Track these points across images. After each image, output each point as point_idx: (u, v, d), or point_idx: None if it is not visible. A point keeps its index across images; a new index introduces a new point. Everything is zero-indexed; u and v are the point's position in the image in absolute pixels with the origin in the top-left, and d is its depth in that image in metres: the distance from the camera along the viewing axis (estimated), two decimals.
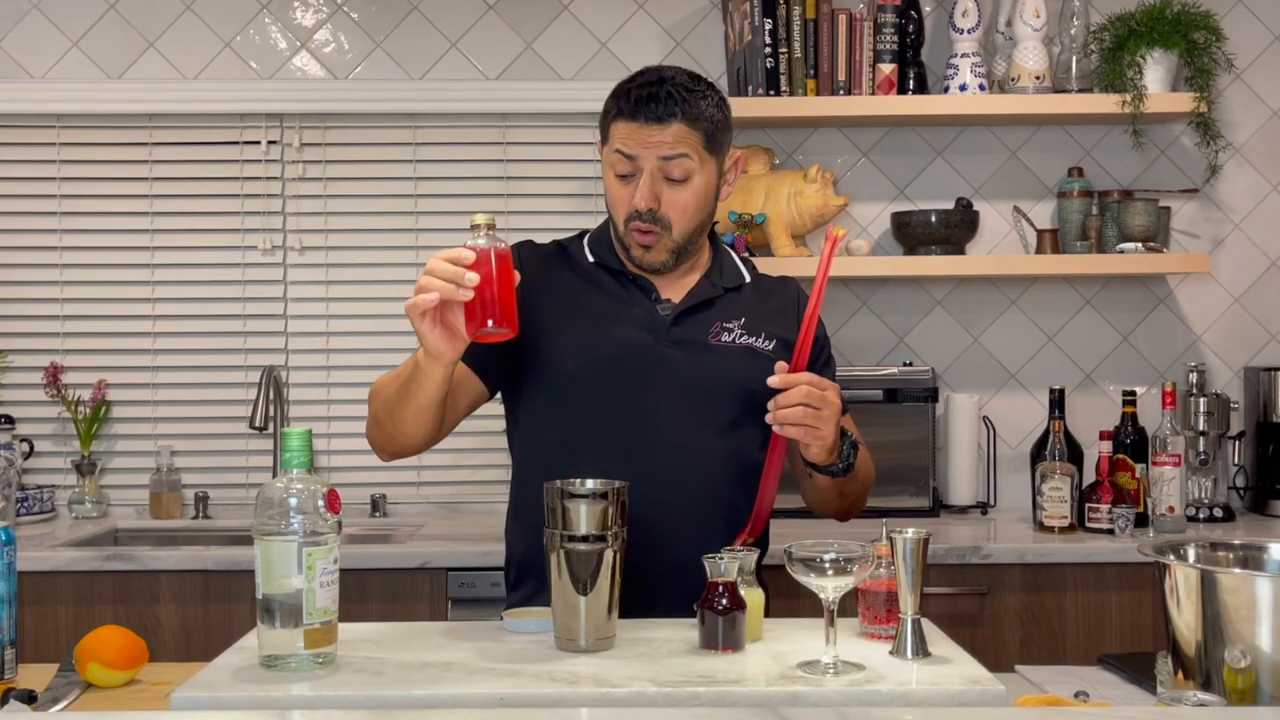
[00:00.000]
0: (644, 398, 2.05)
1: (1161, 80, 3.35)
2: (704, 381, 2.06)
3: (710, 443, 2.05)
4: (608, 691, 1.56)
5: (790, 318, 2.17)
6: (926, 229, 3.38)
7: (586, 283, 2.14)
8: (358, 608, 2.79)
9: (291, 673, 1.62)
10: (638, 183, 2.04)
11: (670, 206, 2.05)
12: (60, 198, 3.56)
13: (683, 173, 2.04)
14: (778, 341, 2.12)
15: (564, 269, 2.16)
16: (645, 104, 2.02)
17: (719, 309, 2.13)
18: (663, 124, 2.02)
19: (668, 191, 2.05)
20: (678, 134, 2.03)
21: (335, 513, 1.66)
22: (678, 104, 2.03)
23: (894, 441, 3.29)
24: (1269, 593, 1.52)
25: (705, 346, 2.09)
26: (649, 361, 2.06)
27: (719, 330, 2.11)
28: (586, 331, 2.08)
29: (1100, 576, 2.95)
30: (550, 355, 2.08)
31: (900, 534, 1.70)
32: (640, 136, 2.03)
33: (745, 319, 2.13)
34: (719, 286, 2.15)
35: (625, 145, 2.04)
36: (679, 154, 2.03)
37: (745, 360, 2.09)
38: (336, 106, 3.54)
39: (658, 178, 2.04)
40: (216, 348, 3.57)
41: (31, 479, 3.47)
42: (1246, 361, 3.58)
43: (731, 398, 2.06)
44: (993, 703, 1.57)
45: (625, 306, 2.11)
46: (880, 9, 3.36)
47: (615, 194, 2.08)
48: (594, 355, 2.07)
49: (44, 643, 2.82)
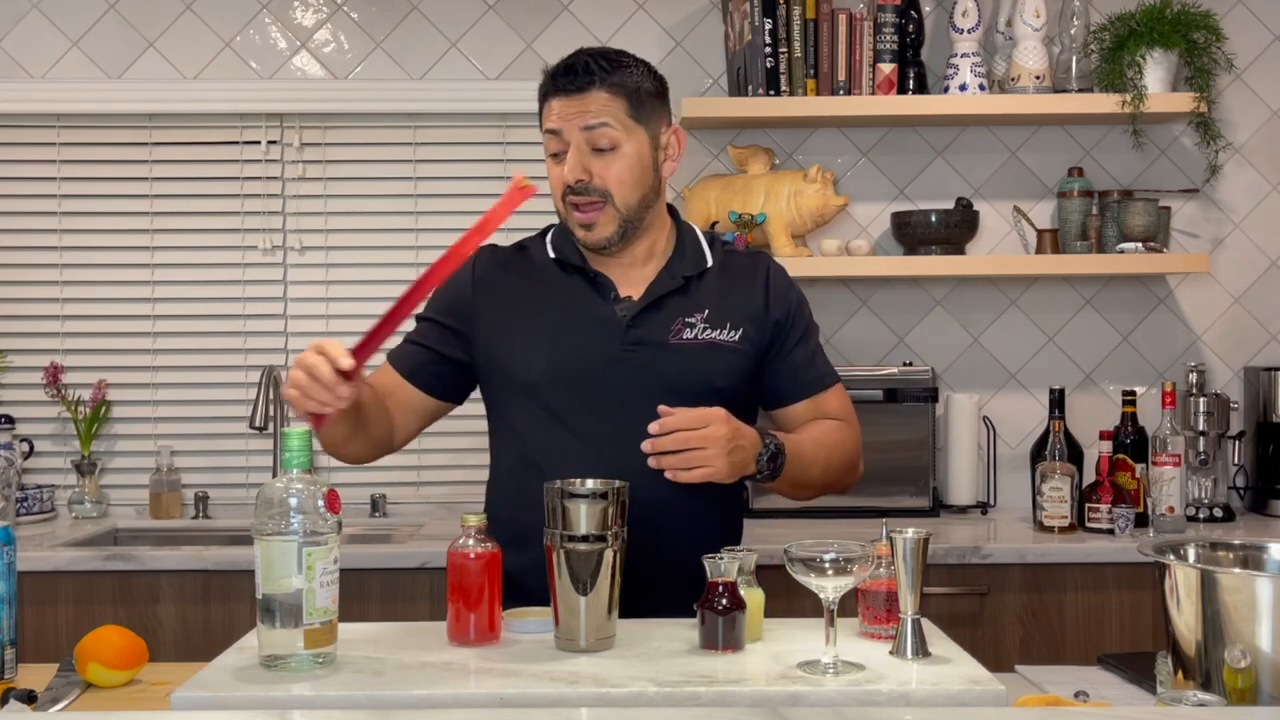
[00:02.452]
0: (607, 404, 2.04)
1: (1161, 80, 3.35)
2: (665, 383, 2.03)
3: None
4: (608, 691, 1.56)
5: (757, 297, 2.14)
6: (926, 229, 3.38)
7: (543, 286, 2.13)
8: (358, 608, 2.79)
9: (291, 673, 1.62)
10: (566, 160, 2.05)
11: (603, 177, 2.04)
12: (60, 198, 3.55)
13: (609, 141, 2.04)
14: (744, 329, 2.10)
15: (521, 274, 2.15)
16: (564, 76, 2.04)
17: (680, 302, 2.10)
18: (583, 93, 2.03)
19: (597, 162, 2.04)
20: (599, 102, 2.03)
21: (335, 513, 1.66)
22: (596, 72, 2.04)
23: (894, 441, 3.29)
24: (1269, 593, 1.52)
25: (665, 347, 2.07)
26: (609, 367, 2.05)
27: (680, 328, 2.08)
28: (545, 342, 2.08)
29: (1100, 576, 2.95)
30: (511, 368, 2.09)
31: (900, 534, 1.70)
32: (563, 110, 2.04)
33: (709, 310, 2.10)
34: (679, 277, 2.12)
35: (551, 122, 2.05)
36: (601, 122, 2.03)
37: (707, 357, 2.08)
38: (336, 106, 3.54)
39: (584, 149, 2.04)
40: (216, 348, 3.57)
41: (31, 479, 3.47)
42: (1246, 361, 3.57)
43: (695, 397, 2.01)
44: (993, 703, 1.57)
45: (583, 310, 2.09)
46: (880, 9, 3.36)
47: (551, 174, 2.09)
48: (554, 366, 2.06)
49: (44, 643, 2.82)
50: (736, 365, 2.10)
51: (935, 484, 3.35)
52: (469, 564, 1.76)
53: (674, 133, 2.14)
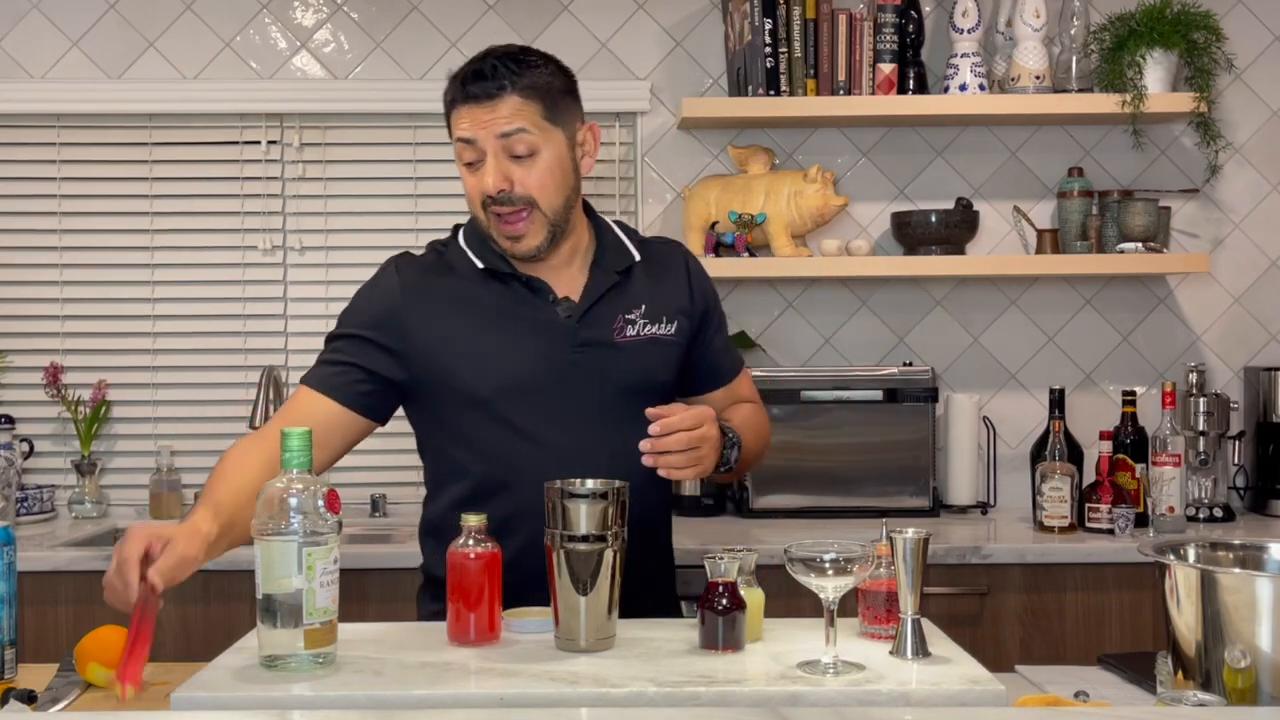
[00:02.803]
0: (563, 408, 2.03)
1: (1161, 80, 3.35)
2: (615, 382, 2.05)
3: (631, 440, 2.01)
4: (608, 691, 1.56)
5: (682, 288, 2.16)
6: (926, 229, 3.38)
7: (478, 296, 2.07)
8: (358, 608, 2.79)
9: (291, 673, 1.62)
10: (483, 169, 2.00)
11: (525, 184, 1.99)
12: (60, 198, 3.55)
13: (526, 147, 1.99)
14: (677, 322, 2.12)
15: (451, 282, 2.09)
16: (473, 82, 1.98)
17: (617, 299, 2.09)
18: (495, 100, 1.97)
19: (517, 170, 1.99)
20: (512, 107, 1.98)
21: (335, 513, 1.66)
22: (506, 76, 1.98)
23: (894, 441, 3.29)
24: (1269, 593, 1.52)
25: (611, 346, 2.06)
26: (561, 371, 2.04)
27: (622, 325, 2.08)
28: (492, 352, 2.03)
29: (1100, 576, 2.95)
30: (459, 382, 2.03)
31: (900, 534, 1.70)
32: (475, 117, 1.98)
33: (645, 305, 2.10)
34: (613, 273, 2.10)
35: (464, 131, 2.00)
36: (516, 128, 1.98)
37: (651, 353, 2.09)
38: (336, 106, 3.54)
39: (502, 157, 1.99)
40: (216, 348, 3.57)
41: (31, 479, 3.47)
42: (1246, 361, 3.57)
43: (644, 393, 2.04)
44: (993, 703, 1.57)
45: (526, 315, 2.06)
46: (880, 9, 3.36)
47: (468, 185, 2.04)
48: (506, 377, 2.02)
49: (44, 643, 2.81)
50: (674, 358, 2.13)
51: (935, 484, 3.35)
52: (469, 564, 1.76)
53: (589, 129, 2.10)
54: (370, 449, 2.15)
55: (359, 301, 2.12)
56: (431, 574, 2.14)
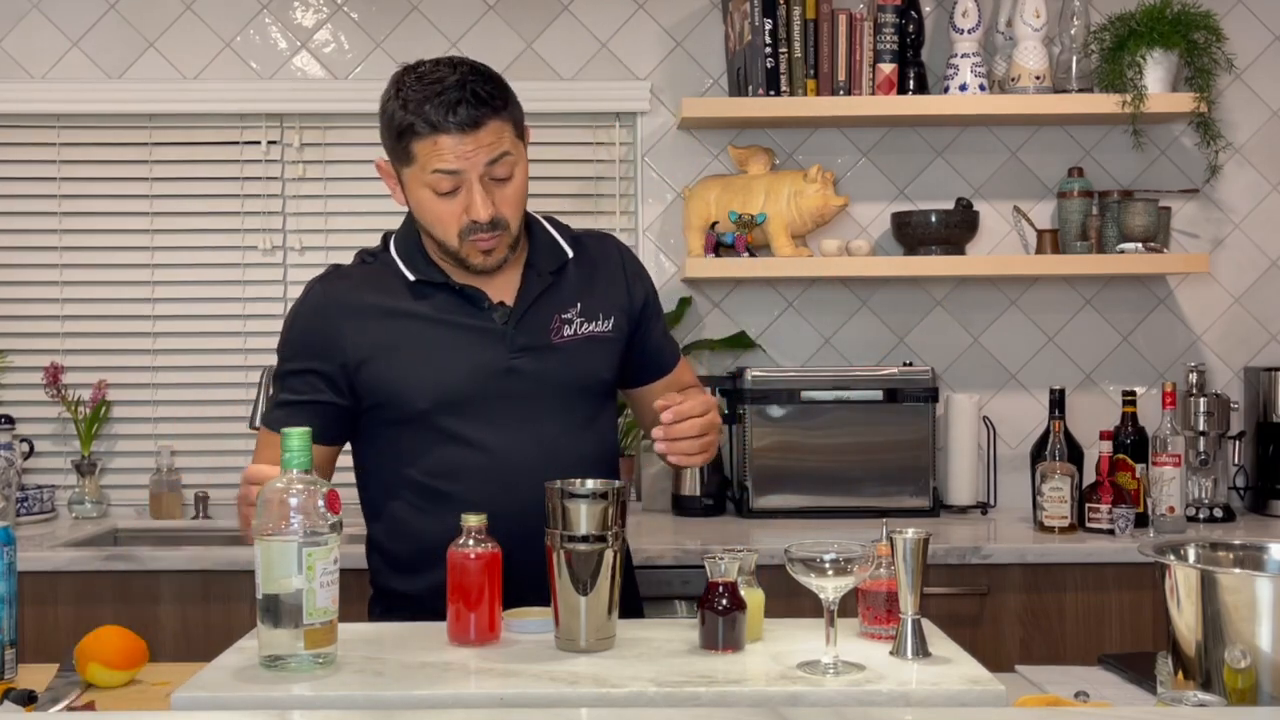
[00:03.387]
0: (502, 415, 2.02)
1: (1161, 80, 3.35)
2: (555, 384, 2.04)
3: (574, 441, 2.04)
4: (608, 691, 1.56)
5: (619, 283, 2.15)
6: (926, 229, 3.38)
7: (413, 308, 2.05)
8: (358, 608, 2.79)
9: (291, 673, 1.62)
10: (463, 195, 1.94)
11: (503, 205, 1.97)
12: (60, 198, 3.55)
13: (507, 170, 1.97)
14: (614, 318, 2.12)
15: (382, 296, 2.06)
16: (455, 111, 1.91)
17: (552, 300, 2.08)
18: (480, 127, 1.92)
19: (497, 194, 1.96)
20: (494, 132, 1.94)
21: (335, 513, 1.66)
22: (486, 102, 1.93)
23: (894, 441, 3.29)
24: (1269, 593, 1.52)
25: (548, 347, 2.06)
26: (499, 379, 2.02)
27: (559, 325, 2.07)
28: (429, 365, 2.01)
29: (1100, 576, 2.95)
30: (397, 396, 2.02)
31: (900, 534, 1.70)
32: (459, 150, 1.92)
33: (580, 303, 2.09)
34: (546, 274, 2.09)
35: (444, 163, 1.92)
36: (501, 154, 1.95)
37: (590, 351, 2.09)
38: (336, 106, 3.54)
39: (488, 184, 1.95)
40: (216, 348, 3.57)
41: (31, 479, 3.47)
42: (1246, 361, 3.57)
43: (584, 392, 2.07)
44: (993, 703, 1.57)
45: (461, 326, 2.04)
46: (880, 9, 3.36)
47: (441, 212, 1.96)
48: (443, 388, 2.01)
49: (44, 643, 2.81)
50: (612, 353, 2.13)
51: (935, 484, 3.35)
52: (469, 564, 1.76)
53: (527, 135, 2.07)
54: None
55: (293, 331, 2.11)
56: (382, 586, 2.14)
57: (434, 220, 1.99)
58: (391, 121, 1.97)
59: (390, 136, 1.98)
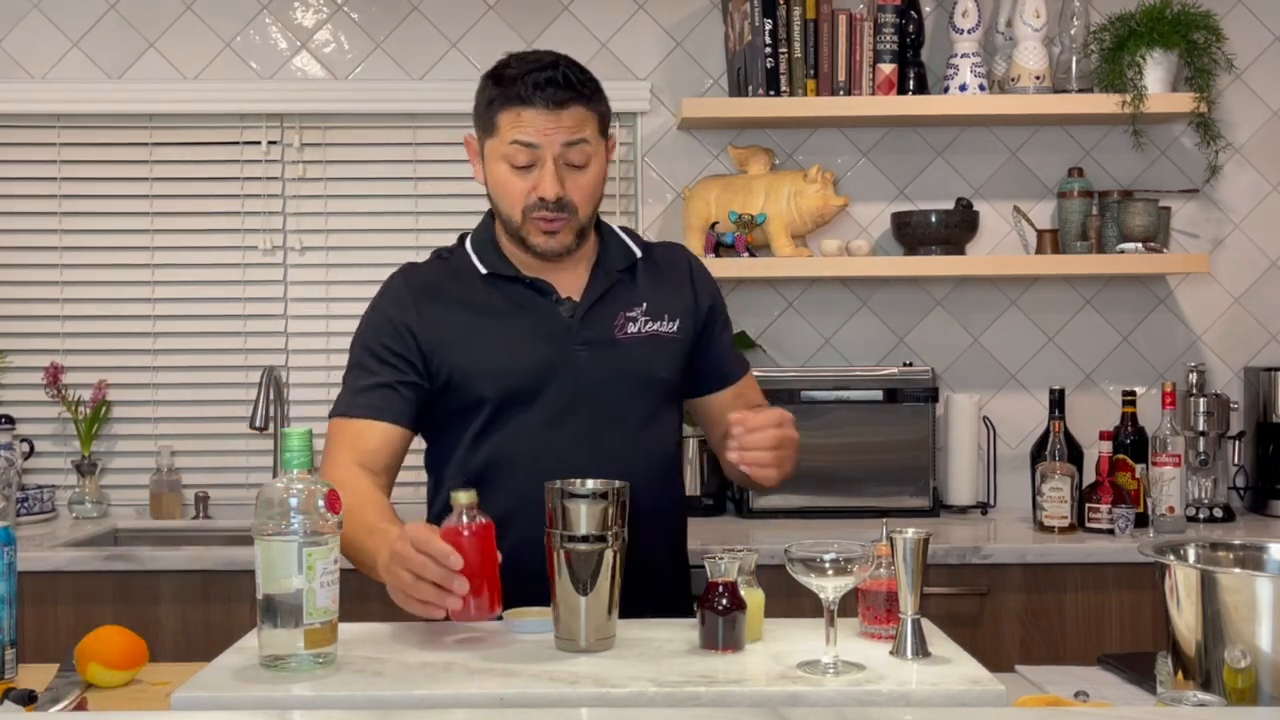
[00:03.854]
0: (563, 408, 2.05)
1: (1161, 80, 3.35)
2: (615, 379, 2.07)
3: (631, 439, 2.06)
4: (608, 691, 1.56)
5: (685, 287, 2.18)
6: (926, 229, 3.38)
7: (483, 298, 2.10)
8: (358, 608, 2.78)
9: (291, 673, 1.62)
10: (536, 173, 2.00)
11: (574, 191, 2.02)
12: (60, 198, 3.55)
13: (583, 158, 2.02)
14: (680, 320, 2.14)
15: (456, 289, 2.11)
16: (544, 89, 1.98)
17: (619, 298, 2.12)
18: (564, 108, 1.99)
19: (569, 179, 2.01)
20: (578, 118, 2.00)
21: (336, 513, 1.66)
22: (577, 87, 2.00)
23: (894, 441, 3.29)
24: (1269, 593, 1.52)
25: (612, 342, 2.09)
26: (561, 370, 2.05)
27: (623, 322, 2.10)
28: (494, 355, 2.06)
29: (1100, 576, 2.95)
30: (464, 386, 2.06)
31: (900, 534, 1.70)
32: (541, 124, 1.98)
33: (646, 303, 2.13)
34: (613, 272, 2.13)
35: (525, 134, 1.99)
36: (580, 139, 2.01)
37: (653, 349, 2.11)
38: (336, 106, 3.54)
39: (560, 164, 2.00)
40: (216, 348, 3.57)
41: (31, 479, 3.47)
42: (1246, 361, 3.57)
43: (645, 389, 2.09)
44: (993, 703, 1.57)
45: (528, 317, 2.08)
46: (880, 9, 3.36)
47: (511, 186, 2.03)
48: (506, 379, 2.05)
49: (44, 643, 2.81)
50: (676, 355, 2.14)
51: (935, 484, 3.35)
52: (462, 541, 1.73)
53: (612, 141, 2.14)
54: None
55: (372, 316, 2.14)
56: None
57: (503, 194, 2.05)
58: (483, 93, 2.05)
59: (480, 106, 2.06)
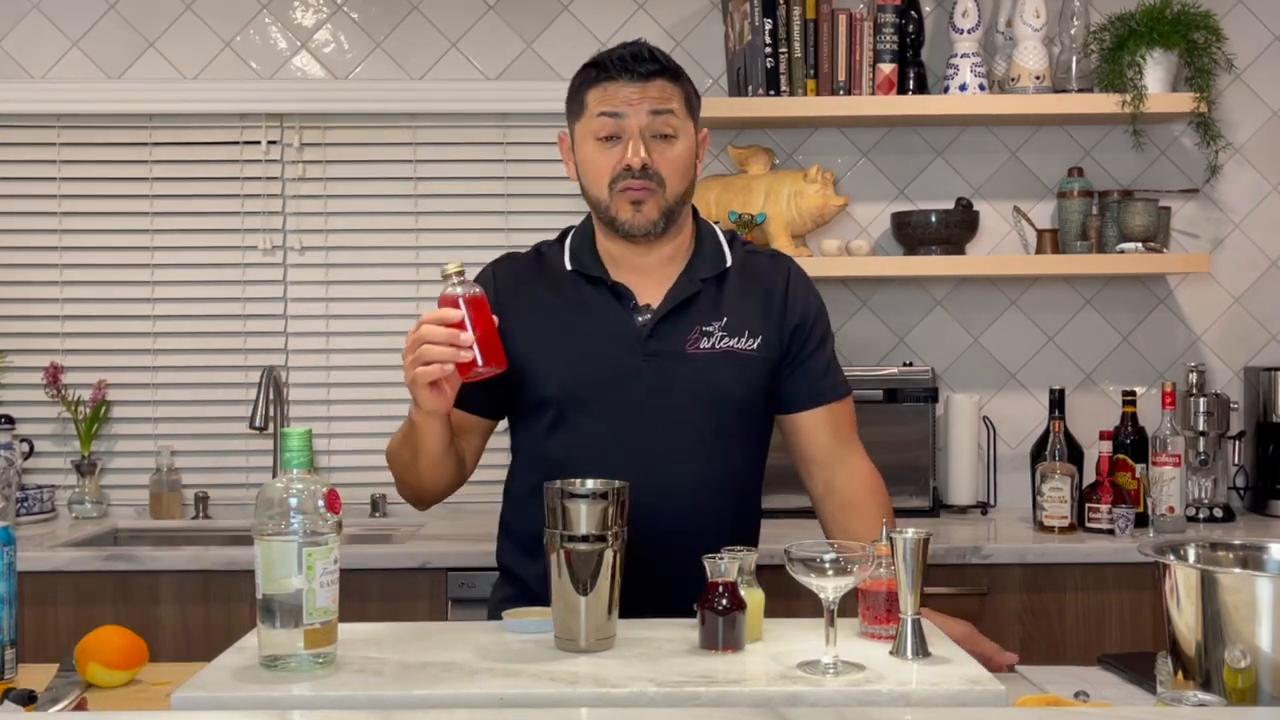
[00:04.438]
0: (626, 416, 2.03)
1: (1161, 80, 3.35)
2: (680, 393, 2.03)
3: (693, 456, 2.03)
4: (608, 691, 1.56)
5: (776, 303, 2.11)
6: (926, 229, 3.38)
7: (562, 296, 2.10)
8: (358, 608, 2.79)
9: (291, 673, 1.62)
10: (622, 144, 2.02)
11: (661, 163, 2.02)
12: (60, 198, 3.56)
13: (671, 129, 2.03)
14: (763, 336, 2.08)
15: (539, 284, 2.12)
16: (629, 61, 2.01)
17: (700, 309, 2.07)
18: (649, 80, 2.02)
19: (655, 150, 2.02)
20: (663, 89, 2.02)
21: (335, 513, 1.66)
22: (661, 60, 2.04)
23: (894, 441, 3.29)
24: (1269, 593, 1.52)
25: (681, 357, 2.04)
26: (626, 379, 2.03)
27: (698, 336, 2.06)
28: (564, 354, 2.05)
29: (1100, 576, 2.95)
30: (532, 381, 2.06)
31: (900, 534, 1.70)
32: (626, 94, 2.01)
33: (727, 317, 2.08)
34: (697, 280, 2.09)
35: (610, 105, 2.01)
36: (667, 109, 2.02)
37: (724, 367, 2.05)
38: (336, 106, 3.54)
39: (646, 136, 2.02)
40: (216, 348, 3.57)
41: (31, 479, 3.47)
42: (1246, 361, 3.57)
43: (711, 407, 2.04)
44: (993, 703, 1.57)
45: (602, 319, 2.07)
46: (880, 9, 3.36)
47: (598, 161, 2.04)
48: (573, 379, 2.04)
49: (44, 643, 2.81)
50: (752, 373, 2.08)
51: (935, 484, 3.35)
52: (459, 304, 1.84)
53: (704, 137, 2.15)
54: (369, 449, 2.15)
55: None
56: (504, 565, 2.19)
57: (594, 169, 2.05)
58: (573, 82, 2.08)
59: (571, 94, 2.08)
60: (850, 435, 2.21)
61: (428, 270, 3.54)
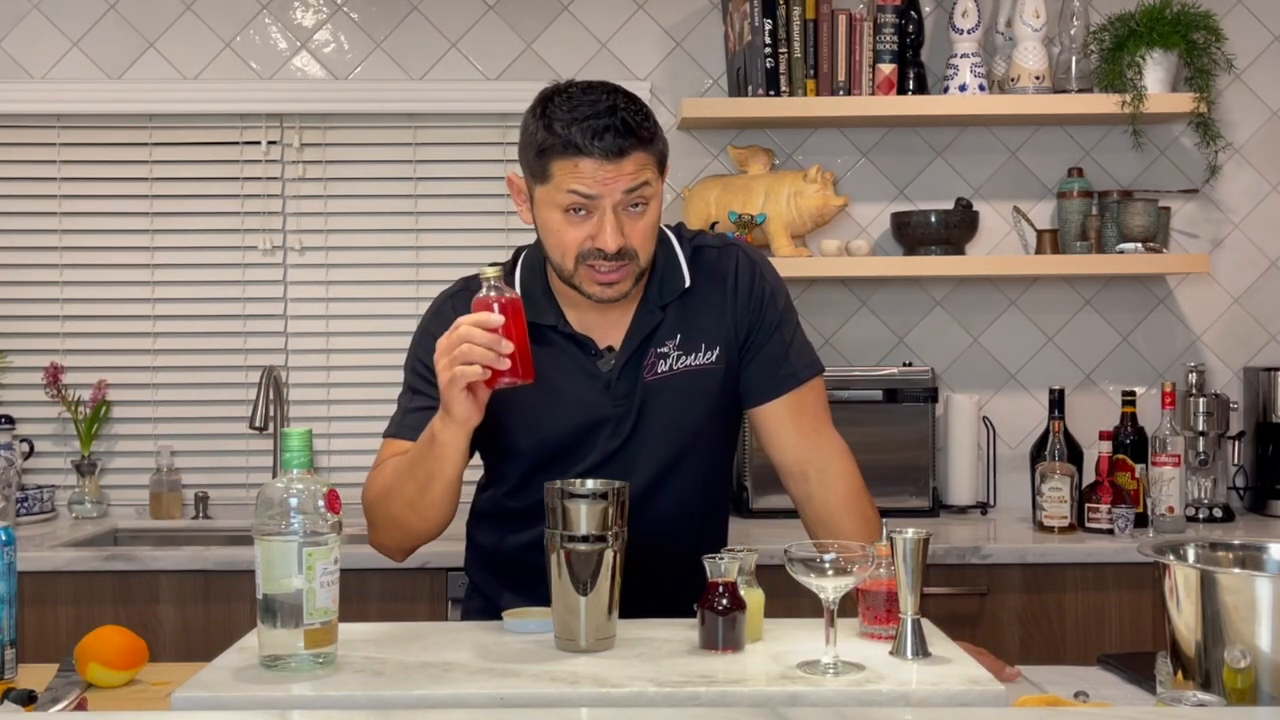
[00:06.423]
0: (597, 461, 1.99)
1: (1161, 80, 3.35)
2: (644, 428, 1.99)
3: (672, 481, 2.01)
4: (608, 691, 1.56)
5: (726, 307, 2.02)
6: (926, 229, 3.38)
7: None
8: (358, 608, 2.79)
9: (291, 673, 1.62)
10: (593, 220, 1.87)
11: (634, 237, 1.89)
12: (60, 198, 3.56)
13: (645, 198, 1.89)
14: (719, 347, 2.02)
15: None
16: (601, 137, 1.84)
17: (658, 334, 2.00)
18: (624, 156, 1.85)
19: (629, 222, 1.89)
20: (638, 163, 1.87)
21: (335, 513, 1.66)
22: (634, 132, 1.86)
23: (894, 441, 3.30)
24: (1269, 593, 1.52)
25: (643, 387, 1.99)
26: (598, 428, 1.99)
27: (654, 360, 1.99)
28: (533, 408, 1.98)
29: (1100, 576, 2.95)
30: (500, 433, 2.00)
31: (900, 534, 1.70)
32: (600, 175, 1.85)
33: (681, 334, 2.00)
34: (655, 309, 2.00)
35: (581, 184, 1.85)
36: (641, 184, 1.87)
37: (685, 387, 2.00)
38: (336, 106, 3.54)
39: (620, 213, 1.87)
40: (216, 348, 3.57)
41: (31, 479, 3.47)
42: (1246, 361, 3.58)
43: (679, 430, 2.01)
44: (993, 703, 1.57)
45: (568, 374, 1.99)
46: (880, 9, 3.36)
47: (565, 233, 1.89)
48: (543, 435, 1.99)
49: (44, 643, 2.82)
50: (714, 384, 2.03)
51: (935, 484, 3.35)
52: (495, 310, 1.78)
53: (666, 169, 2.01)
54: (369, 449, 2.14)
55: (421, 339, 2.05)
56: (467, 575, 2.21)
57: (556, 242, 1.91)
58: (533, 138, 1.90)
59: (530, 153, 1.91)
60: (817, 423, 2.09)
61: (427, 270, 3.54)
